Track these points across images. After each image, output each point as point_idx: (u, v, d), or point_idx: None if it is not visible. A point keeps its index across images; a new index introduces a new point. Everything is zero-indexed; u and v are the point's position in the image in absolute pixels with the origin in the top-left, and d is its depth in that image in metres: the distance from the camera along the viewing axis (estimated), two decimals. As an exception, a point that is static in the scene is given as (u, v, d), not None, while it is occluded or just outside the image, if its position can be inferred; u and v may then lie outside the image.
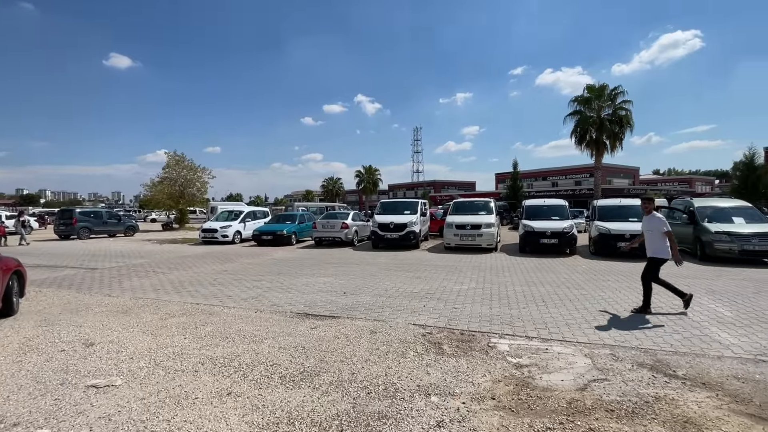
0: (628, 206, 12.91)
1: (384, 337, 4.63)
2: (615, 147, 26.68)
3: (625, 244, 8.62)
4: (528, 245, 12.61)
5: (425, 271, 9.36)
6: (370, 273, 9.22)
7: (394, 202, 16.67)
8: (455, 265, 10.26)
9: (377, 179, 55.99)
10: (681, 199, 13.64)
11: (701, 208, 11.67)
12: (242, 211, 18.46)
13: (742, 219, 11.00)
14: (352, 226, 15.68)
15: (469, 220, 13.47)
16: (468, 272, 9.19)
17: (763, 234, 10.01)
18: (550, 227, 12.31)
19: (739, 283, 7.73)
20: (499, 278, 8.39)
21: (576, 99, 27.48)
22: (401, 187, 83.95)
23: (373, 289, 7.43)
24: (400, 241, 13.97)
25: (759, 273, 8.82)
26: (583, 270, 9.38)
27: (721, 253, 10.25)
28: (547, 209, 13.73)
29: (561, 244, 12.09)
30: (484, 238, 13.03)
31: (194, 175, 31.68)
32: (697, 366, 3.82)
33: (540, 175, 57.57)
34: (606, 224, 11.88)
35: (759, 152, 22.47)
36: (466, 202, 15.24)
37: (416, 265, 10.33)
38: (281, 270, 9.82)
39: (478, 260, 11.22)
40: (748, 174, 20.38)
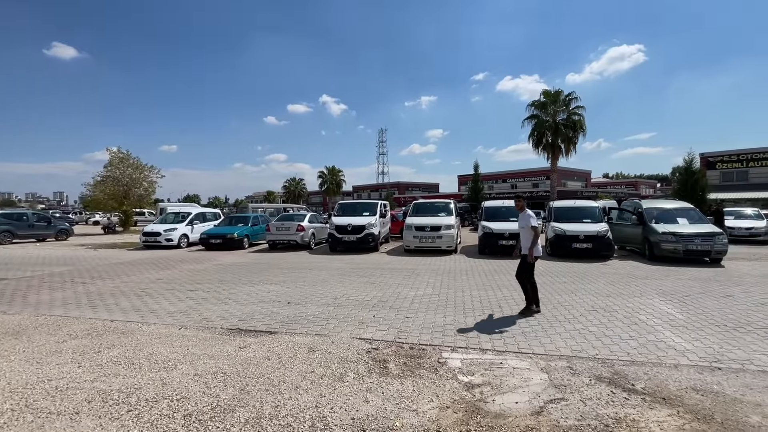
0: (583, 207, 13.16)
1: (322, 357, 4.06)
2: (569, 150, 27.69)
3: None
4: (487, 247, 12.49)
5: (381, 276, 8.87)
6: (322, 279, 8.60)
7: (353, 203, 16.09)
8: (413, 269, 9.86)
9: (341, 180, 55.10)
10: (630, 201, 14.13)
11: (649, 209, 12.07)
12: (190, 213, 17.13)
13: (686, 220, 11.46)
14: (309, 229, 14.94)
15: (428, 221, 13.17)
16: (425, 276, 8.81)
17: (705, 234, 10.43)
18: (508, 228, 12.26)
19: (685, 283, 7.88)
20: (457, 282, 8.06)
21: (533, 103, 28.26)
22: (365, 188, 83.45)
23: (322, 297, 6.83)
24: (358, 243, 13.42)
25: (702, 272, 9.12)
26: (539, 272, 9.25)
27: (667, 252, 10.58)
28: (505, 210, 13.72)
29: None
30: (444, 240, 12.77)
31: (140, 175, 29.48)
32: (655, 378, 3.58)
33: (500, 178, 59.13)
34: (561, 225, 11.99)
35: (696, 158, 24.01)
36: (426, 204, 14.97)
37: (372, 270, 9.82)
38: (224, 277, 8.96)
39: (437, 263, 10.90)
40: (687, 178, 21.67)
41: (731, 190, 35.21)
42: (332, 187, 53.60)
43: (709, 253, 10.24)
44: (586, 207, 13.06)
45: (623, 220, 13.33)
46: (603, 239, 11.34)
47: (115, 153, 28.87)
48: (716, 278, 8.38)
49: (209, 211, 19.10)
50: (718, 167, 38.49)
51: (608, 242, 11.39)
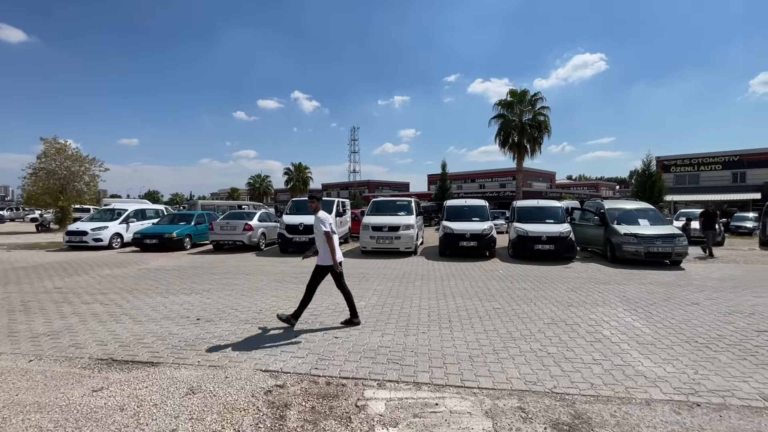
0: (546, 208, 12.72)
1: (201, 403, 3.03)
2: (535, 151, 27.74)
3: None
4: (447, 248, 11.77)
5: (325, 283, 7.86)
6: (255, 287, 7.50)
7: (306, 200, 14.95)
8: (363, 273, 8.93)
9: (307, 177, 53.37)
10: (592, 201, 13.89)
11: (611, 210, 11.76)
12: (125, 210, 15.38)
13: (647, 221, 11.20)
14: (258, 228, 13.68)
15: (386, 221, 12.29)
16: (374, 283, 7.90)
17: (666, 236, 10.16)
18: (470, 229, 11.59)
19: (648, 288, 7.41)
20: (408, 290, 7.20)
21: (500, 103, 28.11)
22: (335, 186, 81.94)
23: (243, 311, 5.76)
24: (310, 244, 12.31)
25: (663, 276, 8.75)
26: (499, 276, 8.60)
27: (629, 255, 10.23)
28: (467, 210, 13.08)
29: (480, 247, 11.41)
30: (402, 241, 11.94)
31: (80, 168, 26.89)
32: (624, 422, 2.81)
33: (469, 177, 59.50)
34: (524, 226, 11.45)
35: (653, 161, 24.63)
36: (386, 202, 14.09)
37: (319, 274, 8.80)
38: (139, 285, 7.66)
39: (392, 266, 10.03)
40: (645, 180, 22.05)
41: (684, 192, 36.82)
42: (298, 184, 51.80)
43: (670, 255, 9.97)
44: (548, 207, 12.63)
45: (586, 220, 13.02)
46: (565, 241, 10.89)
47: (50, 143, 26.18)
48: (678, 282, 8.00)
49: (151, 208, 17.32)
50: (672, 170, 40.20)
51: (571, 244, 10.96)
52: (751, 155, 36.63)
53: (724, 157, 38.11)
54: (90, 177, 28.04)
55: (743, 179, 36.87)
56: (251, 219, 13.72)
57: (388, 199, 14.67)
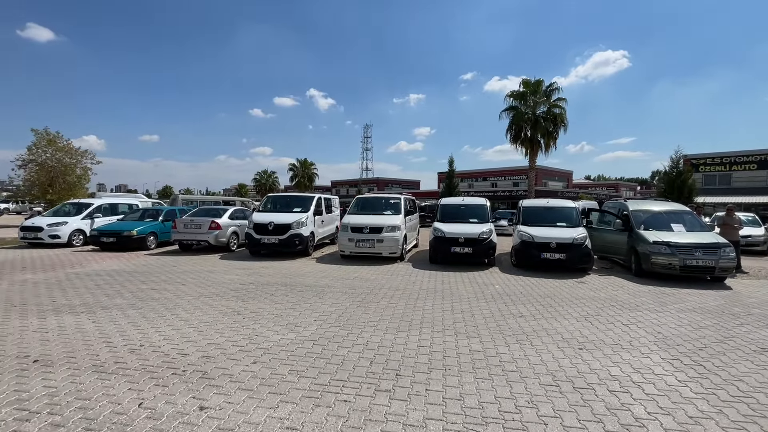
0: (558, 208, 10.78)
1: None
2: (549, 146, 25.54)
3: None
4: (438, 254, 9.98)
5: (267, 299, 6.23)
6: (174, 304, 5.89)
7: (286, 196, 13.35)
8: (327, 285, 7.25)
9: (313, 174, 51.90)
10: (613, 201, 11.86)
11: (636, 212, 9.76)
12: (91, 204, 14.08)
13: (682, 226, 9.18)
14: (228, 227, 12.15)
15: (368, 221, 10.56)
16: (330, 300, 6.21)
17: (708, 246, 8.15)
18: (464, 232, 9.77)
19: (690, 318, 5.50)
20: (366, 314, 5.49)
21: (512, 94, 25.97)
22: (344, 183, 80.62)
23: (113, 348, 4.15)
24: (281, 246, 10.73)
25: (706, 298, 6.79)
26: (492, 294, 6.80)
27: (659, 268, 8.26)
28: (464, 210, 11.24)
29: (475, 254, 9.59)
30: (386, 245, 10.21)
31: (72, 160, 26.04)
32: None
33: (481, 176, 57.16)
34: (529, 230, 9.57)
35: (682, 159, 22.13)
36: (371, 199, 12.35)
37: (270, 287, 7.17)
38: (28, 298, 6.16)
39: (366, 276, 8.32)
40: (674, 178, 19.70)
41: (714, 193, 33.89)
42: (303, 180, 50.41)
43: (713, 270, 7.95)
44: (560, 208, 10.68)
45: (605, 224, 11.04)
46: (580, 248, 8.97)
47: (42, 134, 25.40)
48: (730, 310, 6.05)
49: (124, 202, 15.99)
50: (701, 170, 37.21)
51: (586, 252, 9.03)
52: (791, 154, 33.43)
53: (760, 155, 34.99)
54: (82, 170, 27.26)
55: (781, 180, 33.70)
56: (220, 216, 12.19)
57: (375, 195, 12.93)
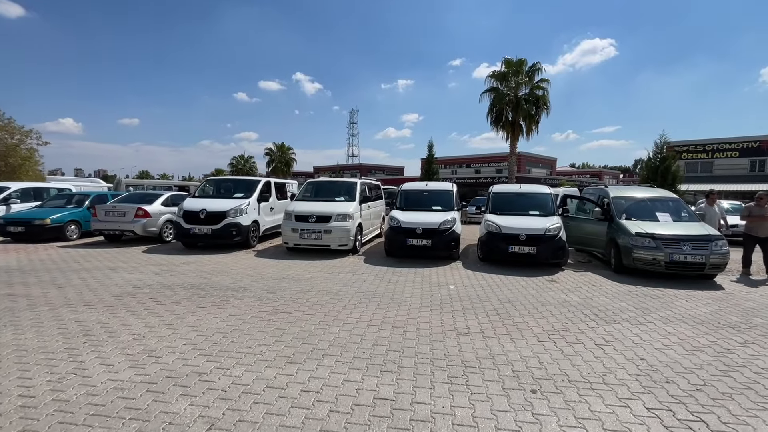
0: (531, 195, 9.54)
1: None
2: (531, 130, 24.35)
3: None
4: (393, 247, 8.67)
5: (139, 313, 4.81)
6: (5, 320, 4.44)
7: (228, 180, 11.77)
8: (241, 289, 5.87)
9: (290, 159, 49.77)
10: (594, 187, 10.70)
11: (618, 199, 8.59)
12: (7, 187, 12.27)
13: (668, 215, 8.05)
14: (161, 215, 10.57)
15: (314, 208, 9.15)
16: (232, 310, 4.83)
17: (697, 238, 7.02)
18: (423, 222, 8.46)
19: (682, 334, 4.32)
20: (264, 332, 4.14)
21: (493, 74, 24.53)
22: (326, 169, 78.52)
23: None
24: (215, 238, 9.26)
25: (697, 302, 5.64)
26: (442, 300, 5.53)
27: (642, 264, 7.13)
28: (427, 196, 9.91)
29: (435, 247, 8.30)
30: (335, 236, 8.83)
31: (13, 140, 23.70)
32: None
33: (464, 162, 56.03)
34: (497, 219, 8.31)
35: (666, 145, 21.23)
36: (323, 183, 10.90)
37: (164, 291, 5.76)
38: None
39: (300, 275, 6.97)
40: (658, 164, 18.76)
41: (696, 181, 33.45)
42: (281, 166, 48.34)
43: (703, 266, 6.84)
44: (533, 194, 9.44)
45: (584, 213, 9.87)
46: (552, 241, 7.76)
47: (-22, 112, 22.98)
48: (727, 320, 4.90)
49: (55, 187, 14.13)
50: (684, 157, 36.69)
51: (559, 245, 7.83)
52: (772, 141, 33.10)
53: (742, 143, 34.62)
54: (29, 151, 24.95)
55: (762, 168, 33.46)
56: (151, 203, 10.59)
57: (328, 180, 11.46)
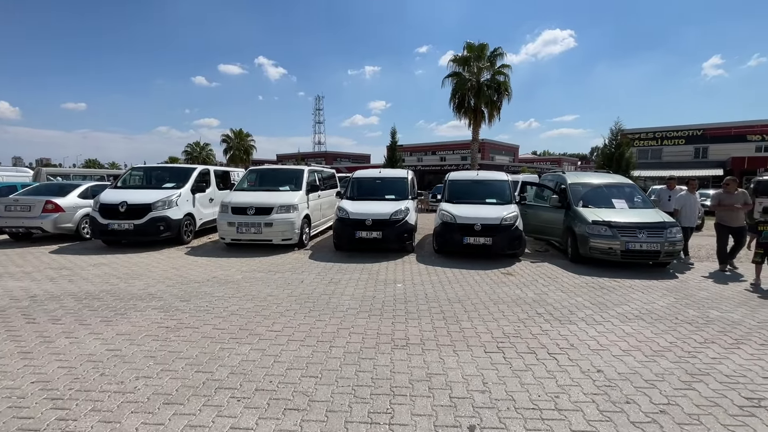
0: (488, 182, 9.07)
1: None
2: (492, 116, 24.15)
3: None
4: (342, 240, 7.95)
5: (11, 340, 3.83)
6: None
7: (158, 168, 10.51)
8: (147, 297, 4.94)
9: (249, 146, 47.33)
10: (552, 174, 10.43)
11: (575, 185, 8.29)
12: None
13: (624, 202, 7.83)
14: (78, 208, 9.21)
15: (253, 199, 8.21)
16: (119, 328, 3.94)
17: (652, 226, 6.80)
18: (373, 212, 7.77)
19: (641, 334, 3.93)
20: (133, 360, 3.31)
21: (455, 58, 24.01)
22: (290, 157, 75.96)
23: None
24: (138, 234, 8.12)
25: (653, 293, 5.34)
26: (385, 302, 4.89)
27: (599, 253, 6.84)
28: (380, 185, 9.22)
29: (386, 239, 7.66)
30: (277, 229, 7.97)
31: None
32: None
33: (430, 149, 55.83)
34: (451, 208, 7.77)
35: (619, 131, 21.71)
36: (266, 171, 9.91)
37: (47, 303, 4.74)
38: None
39: (227, 277, 6.10)
40: (612, 151, 19.09)
41: (647, 167, 34.97)
42: (239, 154, 45.93)
43: (658, 254, 6.64)
44: (490, 181, 8.98)
45: (542, 200, 9.57)
46: (508, 231, 7.33)
47: None
48: (684, 314, 4.59)
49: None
50: (636, 144, 38.22)
51: (516, 235, 7.41)
52: (714, 129, 35.18)
53: (688, 131, 36.51)
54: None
55: (705, 154, 35.50)
56: (65, 195, 9.20)
57: (272, 167, 10.46)
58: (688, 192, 7.76)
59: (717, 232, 7.00)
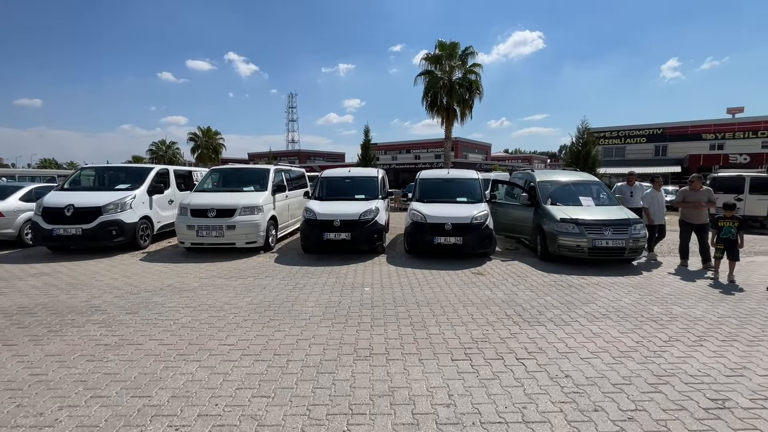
0: (459, 180, 9.00)
1: None
2: (465, 115, 24.34)
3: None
4: (310, 242, 7.65)
5: None
6: None
7: (111, 168, 9.80)
8: (91, 310, 4.51)
9: (218, 145, 45.79)
10: (522, 172, 10.50)
11: (544, 183, 8.34)
12: None
13: (591, 199, 7.94)
14: (18, 213, 8.44)
15: (214, 201, 7.78)
16: (51, 347, 3.53)
17: (618, 223, 6.90)
18: (342, 213, 7.52)
19: (608, 334, 3.89)
20: (78, 385, 2.95)
21: (427, 57, 24.02)
22: (262, 156, 74.19)
23: None
24: (87, 240, 7.51)
25: (619, 290, 5.38)
26: (353, 306, 4.67)
27: (567, 251, 6.88)
28: (350, 184, 8.97)
29: (355, 240, 7.43)
30: (240, 232, 7.57)
31: None
32: None
33: (404, 148, 55.94)
34: (422, 208, 7.63)
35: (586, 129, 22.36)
36: (229, 171, 9.45)
37: (-21, 319, 4.22)
38: None
39: (185, 285, 5.70)
40: (581, 149, 19.61)
41: (611, 165, 36.34)
42: (207, 152, 44.31)
43: (623, 251, 6.74)
44: (462, 180, 8.91)
45: (512, 198, 9.60)
46: (479, 230, 7.26)
47: None
48: (649, 311, 4.62)
49: None
50: (602, 143, 39.68)
51: (486, 234, 7.36)
52: (673, 128, 36.97)
53: (648, 130, 38.19)
54: None
55: (665, 152, 37.25)
56: (4, 198, 8.42)
57: (235, 167, 9.99)
58: (654, 190, 7.84)
59: (680, 229, 7.19)
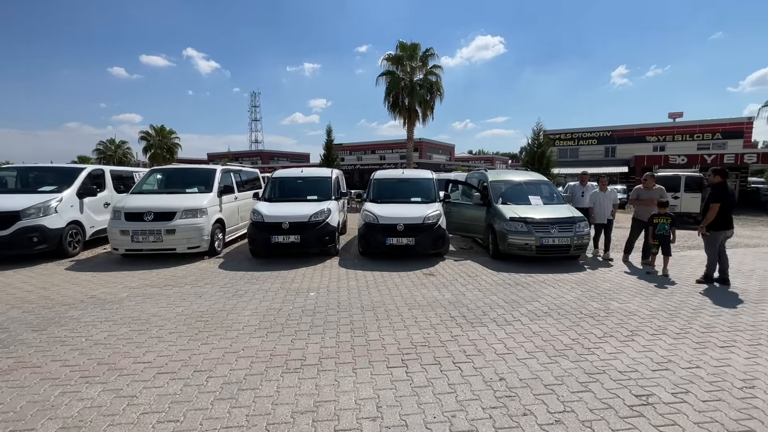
0: (413, 180, 8.94)
1: None
2: (426, 116, 24.52)
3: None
4: (258, 246, 7.29)
5: None
6: None
7: (35, 168, 8.89)
8: (-11, 329, 3.98)
9: (173, 144, 43.52)
10: (476, 171, 10.63)
11: (496, 183, 8.45)
12: None
13: (539, 198, 8.13)
14: None
15: (151, 203, 7.23)
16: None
17: (563, 221, 7.08)
18: (291, 215, 7.22)
19: (547, 334, 3.90)
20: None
21: (388, 57, 23.98)
22: (223, 156, 71.48)
23: None
24: (1, 248, 6.75)
25: (563, 287, 5.49)
26: (294, 313, 4.42)
27: (516, 249, 6.97)
28: (302, 185, 8.67)
29: (305, 243, 7.15)
30: (181, 237, 7.08)
31: None
32: None
33: (369, 148, 55.85)
34: (374, 209, 7.49)
35: (541, 130, 23.21)
36: (174, 171, 8.86)
37: None
38: None
39: (103, 298, 5.21)
40: (534, 150, 20.29)
41: (566, 165, 38.10)
42: (161, 152, 41.92)
43: (568, 249, 6.93)
44: (416, 180, 8.86)
45: (467, 198, 9.68)
46: (431, 230, 7.21)
47: None
48: (588, 308, 4.72)
49: None
50: (557, 144, 41.51)
51: (439, 234, 7.33)
52: (620, 131, 39.31)
53: (599, 132, 40.37)
54: None
55: (614, 153, 39.51)
56: None
57: (178, 167, 9.36)
58: (600, 190, 8.07)
59: (632, 225, 7.46)
